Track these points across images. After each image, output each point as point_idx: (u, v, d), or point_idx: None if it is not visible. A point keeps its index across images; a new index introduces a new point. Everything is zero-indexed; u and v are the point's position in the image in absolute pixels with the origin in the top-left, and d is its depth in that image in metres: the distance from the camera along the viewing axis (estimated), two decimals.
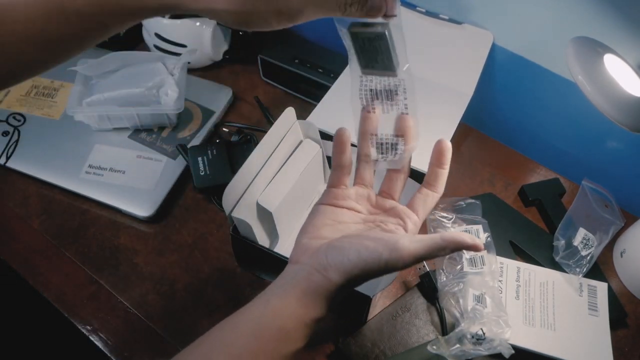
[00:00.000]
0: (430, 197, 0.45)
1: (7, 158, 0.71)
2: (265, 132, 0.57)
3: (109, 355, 0.58)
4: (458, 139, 0.77)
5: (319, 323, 0.40)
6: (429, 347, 0.55)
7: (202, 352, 0.38)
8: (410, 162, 0.46)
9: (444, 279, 0.61)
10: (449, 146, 0.43)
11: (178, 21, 0.79)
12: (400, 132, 0.43)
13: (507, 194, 0.73)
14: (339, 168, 0.46)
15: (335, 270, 0.39)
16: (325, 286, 0.39)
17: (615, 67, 0.54)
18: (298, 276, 0.40)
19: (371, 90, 0.42)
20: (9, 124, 0.74)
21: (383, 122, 0.43)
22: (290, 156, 0.62)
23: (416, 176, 0.62)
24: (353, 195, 0.46)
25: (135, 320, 0.60)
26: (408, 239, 0.38)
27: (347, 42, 0.40)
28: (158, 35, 0.81)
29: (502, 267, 0.63)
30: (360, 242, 0.39)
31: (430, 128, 0.67)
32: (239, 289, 0.63)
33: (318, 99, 0.69)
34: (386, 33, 0.39)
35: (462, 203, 0.67)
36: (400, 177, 0.46)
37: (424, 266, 0.62)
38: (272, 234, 0.61)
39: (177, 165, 0.71)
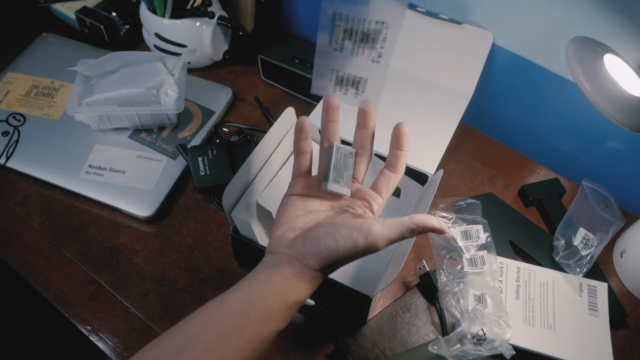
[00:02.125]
0: (393, 178, 0.47)
1: (7, 158, 0.71)
2: (265, 132, 0.57)
3: (109, 355, 0.58)
4: (458, 139, 0.77)
5: (299, 305, 0.43)
6: (429, 348, 0.55)
7: (190, 328, 0.40)
8: (372, 143, 0.48)
9: (444, 279, 0.61)
10: (406, 130, 0.46)
11: (178, 21, 0.79)
12: (363, 75, 0.44)
13: (507, 194, 0.73)
14: (301, 155, 0.48)
15: (314, 257, 0.42)
16: (306, 272, 0.42)
17: (615, 67, 0.54)
18: (279, 263, 0.43)
19: (345, 30, 0.41)
20: (9, 124, 0.74)
21: (349, 62, 0.43)
22: (290, 156, 0.62)
23: (417, 176, 0.63)
24: (319, 183, 0.48)
25: (135, 320, 0.60)
26: (380, 224, 0.42)
27: None
28: (158, 35, 0.81)
29: (502, 267, 0.63)
30: (336, 230, 0.42)
31: (430, 128, 0.67)
32: None
33: (318, 99, 0.69)
34: None
35: (462, 203, 0.67)
36: (363, 160, 0.48)
37: (424, 266, 0.62)
38: None
39: (177, 165, 0.71)
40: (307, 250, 0.42)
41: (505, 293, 0.61)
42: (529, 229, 0.69)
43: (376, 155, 0.62)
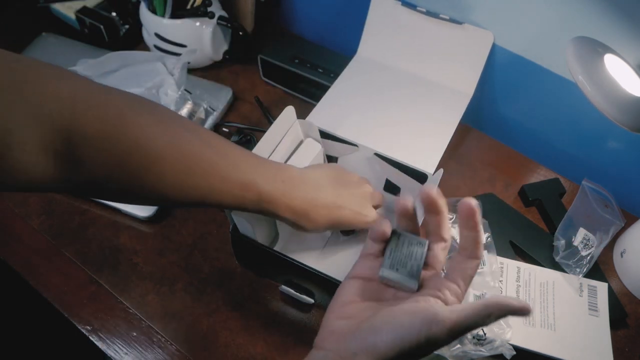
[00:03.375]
0: (469, 263, 0.38)
1: None
2: (265, 132, 0.57)
3: (109, 355, 0.58)
4: (458, 139, 0.77)
5: None
6: None
7: None
8: (448, 228, 0.41)
9: None
10: (475, 208, 0.37)
11: (178, 21, 0.79)
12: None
13: (507, 194, 0.73)
14: (378, 241, 0.41)
15: (367, 355, 0.34)
16: None
17: (615, 67, 0.54)
18: None
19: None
20: None
21: None
22: (290, 156, 0.62)
23: (417, 176, 0.63)
24: None
25: (135, 320, 0.60)
26: (448, 309, 0.34)
27: None
28: (158, 35, 0.81)
29: (502, 267, 0.63)
30: (394, 319, 0.34)
31: (430, 128, 0.67)
32: (239, 289, 0.63)
33: (318, 99, 0.68)
34: None
35: None
36: (439, 246, 0.40)
37: None
38: (272, 233, 0.61)
39: None
40: (358, 346, 0.34)
41: (506, 293, 0.61)
42: (529, 229, 0.69)
43: (376, 155, 0.62)
